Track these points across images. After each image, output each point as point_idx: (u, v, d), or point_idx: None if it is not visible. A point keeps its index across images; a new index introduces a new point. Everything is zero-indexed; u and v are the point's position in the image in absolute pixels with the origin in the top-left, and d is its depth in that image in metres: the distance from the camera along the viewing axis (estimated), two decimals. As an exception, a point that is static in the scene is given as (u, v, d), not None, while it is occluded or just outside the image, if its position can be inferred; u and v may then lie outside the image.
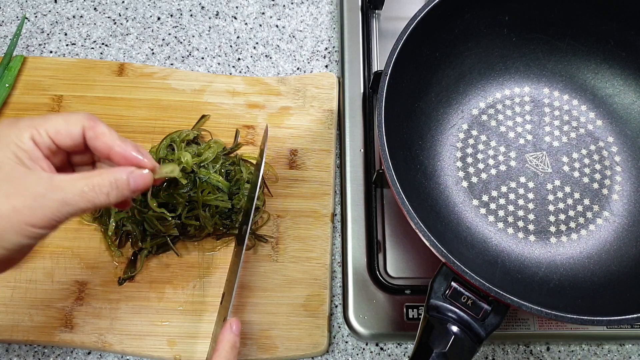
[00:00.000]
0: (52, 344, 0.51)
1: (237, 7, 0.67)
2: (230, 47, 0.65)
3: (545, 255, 0.49)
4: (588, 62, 0.54)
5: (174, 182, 0.50)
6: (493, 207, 0.51)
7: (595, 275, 0.48)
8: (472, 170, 0.53)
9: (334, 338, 0.53)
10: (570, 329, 0.52)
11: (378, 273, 0.52)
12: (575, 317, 0.37)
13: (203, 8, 0.67)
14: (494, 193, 0.52)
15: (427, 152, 0.53)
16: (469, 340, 0.40)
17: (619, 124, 0.54)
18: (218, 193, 0.52)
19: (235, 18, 0.67)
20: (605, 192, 0.52)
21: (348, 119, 0.59)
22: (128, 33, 0.65)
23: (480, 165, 0.53)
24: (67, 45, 0.64)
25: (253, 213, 0.47)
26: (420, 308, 0.51)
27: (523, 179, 0.52)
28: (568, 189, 0.52)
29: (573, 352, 0.54)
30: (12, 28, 0.64)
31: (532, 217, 0.51)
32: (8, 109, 0.58)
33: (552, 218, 0.51)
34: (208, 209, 0.51)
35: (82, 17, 0.66)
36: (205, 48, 0.65)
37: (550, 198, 0.52)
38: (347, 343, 0.53)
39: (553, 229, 0.51)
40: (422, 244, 0.40)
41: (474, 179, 0.52)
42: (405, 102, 0.49)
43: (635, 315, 0.37)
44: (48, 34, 0.65)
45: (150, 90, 0.60)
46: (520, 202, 0.51)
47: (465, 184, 0.52)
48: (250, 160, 0.56)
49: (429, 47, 0.50)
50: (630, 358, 0.54)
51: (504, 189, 0.52)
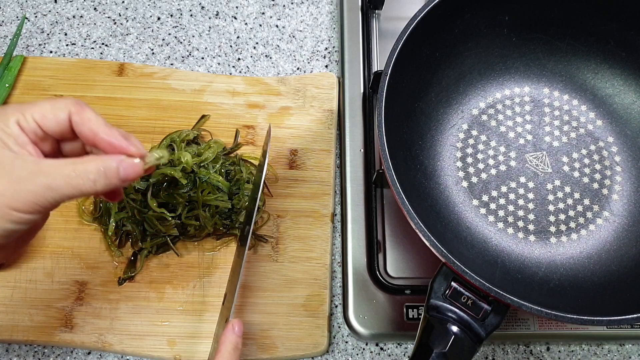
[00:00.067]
0: (52, 344, 0.51)
1: (237, 7, 0.67)
2: (230, 47, 0.65)
3: (545, 255, 0.49)
4: (588, 62, 0.54)
5: (174, 182, 0.50)
6: (493, 207, 0.51)
7: (595, 275, 0.48)
8: (472, 170, 0.53)
9: (334, 338, 0.53)
10: (570, 329, 0.52)
11: (378, 273, 0.52)
12: (575, 317, 0.37)
13: (203, 8, 0.67)
14: (494, 193, 0.52)
15: (427, 152, 0.53)
16: (469, 340, 0.40)
17: (619, 124, 0.54)
18: (218, 193, 0.52)
19: (235, 18, 0.67)
20: (605, 192, 0.52)
21: (348, 119, 0.59)
22: (128, 33, 0.65)
23: (480, 165, 0.53)
24: (67, 45, 0.64)
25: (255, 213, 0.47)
26: (420, 308, 0.51)
27: (523, 179, 0.52)
28: (568, 189, 0.52)
29: (573, 352, 0.54)
30: (12, 28, 0.64)
31: (532, 217, 0.51)
32: (8, 109, 0.58)
33: (552, 218, 0.51)
34: (208, 209, 0.51)
35: (82, 17, 0.66)
36: (205, 48, 0.65)
37: (550, 198, 0.52)
38: (347, 343, 0.53)
39: (553, 229, 0.51)
40: (422, 244, 0.40)
41: (474, 179, 0.52)
42: (405, 102, 0.49)
43: (635, 315, 0.37)
44: (48, 34, 0.65)
45: (150, 90, 0.60)
46: (520, 202, 0.51)
47: (465, 184, 0.52)
48: (250, 160, 0.56)
49: (429, 47, 0.50)
50: (630, 358, 0.54)
51: (504, 189, 0.52)
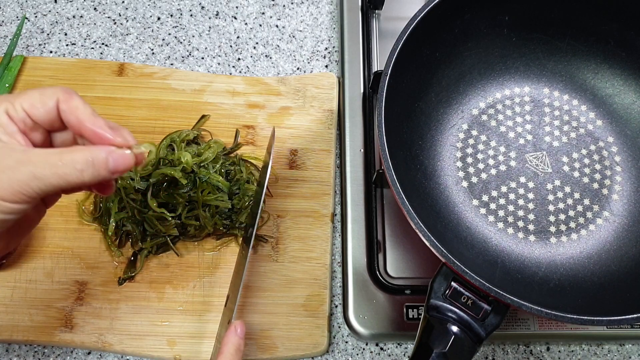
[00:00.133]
0: (52, 344, 0.51)
1: (237, 7, 0.67)
2: (230, 47, 0.65)
3: (545, 255, 0.49)
4: (588, 62, 0.54)
5: (174, 182, 0.50)
6: (493, 207, 0.51)
7: (595, 275, 0.48)
8: (472, 170, 0.53)
9: (334, 338, 0.53)
10: (570, 329, 0.52)
11: (378, 273, 0.52)
12: (575, 317, 0.37)
13: (203, 8, 0.67)
14: (494, 193, 0.52)
15: (427, 152, 0.53)
16: (469, 340, 0.40)
17: (619, 124, 0.54)
18: (218, 193, 0.52)
19: (235, 18, 0.67)
20: (605, 192, 0.52)
21: (348, 119, 0.59)
22: (128, 33, 0.65)
23: (480, 165, 0.53)
24: (67, 45, 0.64)
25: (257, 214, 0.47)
26: (420, 308, 0.51)
27: (523, 179, 0.52)
28: (568, 189, 0.52)
29: (573, 352, 0.54)
30: (12, 28, 0.64)
31: (532, 217, 0.51)
32: (8, 109, 0.58)
33: (552, 218, 0.51)
34: (208, 209, 0.51)
35: (82, 17, 0.66)
36: (205, 48, 0.65)
37: (550, 198, 0.52)
38: (347, 343, 0.53)
39: (553, 229, 0.51)
40: (422, 244, 0.40)
41: (474, 179, 0.52)
42: (405, 102, 0.49)
43: (635, 315, 0.37)
44: (48, 34, 0.64)
45: (150, 90, 0.60)
46: (520, 202, 0.51)
47: (465, 184, 0.52)
48: (251, 160, 0.56)
49: (429, 47, 0.50)
50: (630, 358, 0.54)
51: (504, 189, 0.52)
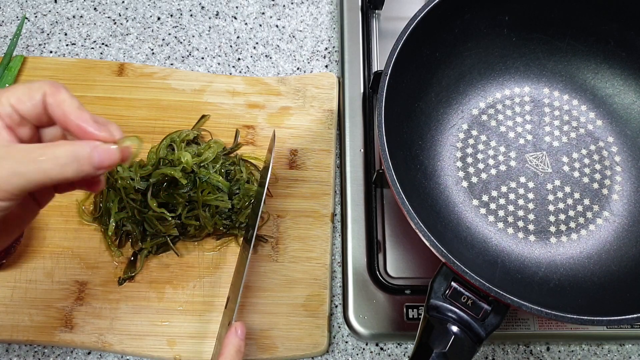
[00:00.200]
0: (52, 344, 0.51)
1: (237, 7, 0.67)
2: (230, 47, 0.65)
3: (545, 255, 0.49)
4: (588, 62, 0.54)
5: (174, 182, 0.50)
6: (493, 207, 0.51)
7: (595, 275, 0.48)
8: (472, 170, 0.53)
9: (334, 338, 0.53)
10: (570, 329, 0.52)
11: (378, 273, 0.52)
12: (575, 317, 0.37)
13: (203, 8, 0.67)
14: (494, 193, 0.52)
15: (427, 152, 0.53)
16: (469, 340, 0.40)
17: (619, 124, 0.54)
18: (218, 193, 0.52)
19: (235, 18, 0.67)
20: (605, 192, 0.52)
21: (348, 119, 0.59)
22: (128, 33, 0.65)
23: (480, 165, 0.53)
24: (67, 45, 0.64)
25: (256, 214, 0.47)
26: (420, 308, 0.51)
27: (523, 179, 0.52)
28: (568, 189, 0.52)
29: (573, 352, 0.54)
30: (12, 28, 0.64)
31: (532, 217, 0.51)
32: (8, 109, 0.58)
33: (552, 218, 0.51)
34: (208, 209, 0.51)
35: (82, 17, 0.66)
36: (205, 48, 0.65)
37: (550, 198, 0.52)
38: (347, 343, 0.53)
39: (553, 229, 0.50)
40: (422, 244, 0.40)
41: (474, 179, 0.52)
42: (405, 102, 0.49)
43: (635, 315, 0.37)
44: (48, 34, 0.64)
45: (150, 90, 0.60)
46: (520, 202, 0.51)
47: (465, 184, 0.52)
48: (251, 160, 0.56)
49: (429, 47, 0.50)
50: (630, 358, 0.54)
51: (504, 189, 0.52)
